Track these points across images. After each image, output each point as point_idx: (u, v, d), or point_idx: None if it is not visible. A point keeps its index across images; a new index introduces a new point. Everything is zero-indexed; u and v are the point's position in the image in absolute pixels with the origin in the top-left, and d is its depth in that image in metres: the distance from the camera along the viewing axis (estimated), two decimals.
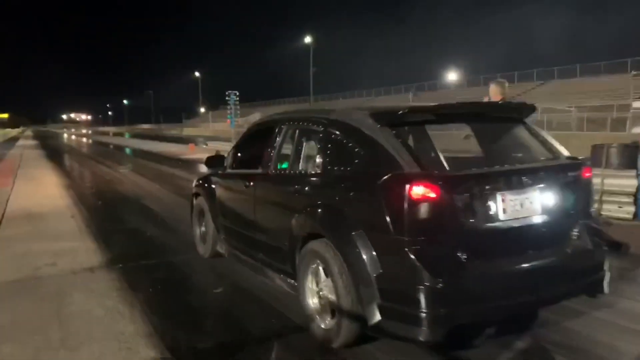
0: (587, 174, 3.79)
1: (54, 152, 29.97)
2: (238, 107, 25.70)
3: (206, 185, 6.08)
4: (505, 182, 3.38)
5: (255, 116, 77.91)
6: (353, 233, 3.36)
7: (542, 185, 3.49)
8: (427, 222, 3.12)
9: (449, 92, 53.87)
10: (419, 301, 3.01)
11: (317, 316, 3.81)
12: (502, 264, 3.29)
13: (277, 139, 4.73)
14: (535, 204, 3.44)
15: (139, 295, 4.84)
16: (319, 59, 73.36)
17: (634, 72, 35.45)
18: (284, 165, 4.66)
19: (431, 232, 3.14)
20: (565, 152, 3.92)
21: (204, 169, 6.36)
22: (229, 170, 5.66)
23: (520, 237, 3.43)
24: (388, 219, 3.17)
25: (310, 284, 3.89)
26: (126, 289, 5.00)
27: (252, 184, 4.86)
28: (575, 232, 3.60)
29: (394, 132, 3.49)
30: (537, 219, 3.45)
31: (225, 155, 5.92)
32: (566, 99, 36.97)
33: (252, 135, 5.63)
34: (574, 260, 3.52)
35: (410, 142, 3.77)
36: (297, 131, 4.62)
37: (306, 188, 4.07)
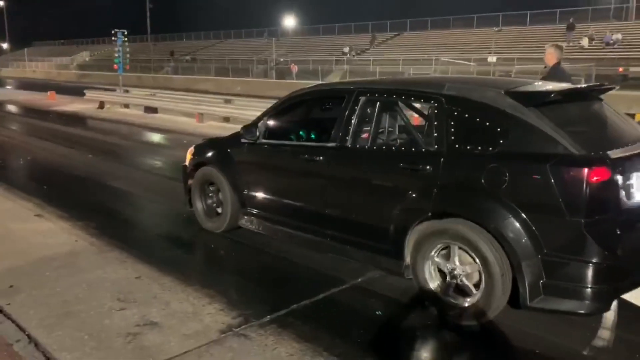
0: None
1: None
2: (127, 48, 21.34)
3: (221, 154, 5.44)
4: (638, 162, 3.47)
5: (84, 55, 69.63)
6: (510, 214, 3.35)
7: None
8: (601, 202, 3.24)
9: (304, 40, 52.72)
10: (590, 277, 3.18)
11: (446, 294, 3.71)
12: None
13: (355, 110, 4.31)
14: None
15: None
16: None
17: (496, 28, 37.83)
18: (365, 139, 4.40)
19: (603, 211, 3.27)
20: None
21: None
22: (266, 141, 5.05)
23: None
24: (561, 200, 3.20)
25: (434, 263, 3.79)
26: None
27: (321, 158, 4.42)
28: None
29: (541, 112, 3.48)
30: None
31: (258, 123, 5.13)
32: (422, 51, 38.31)
33: (299, 104, 5.19)
34: None
35: (555, 120, 3.51)
36: (387, 104, 4.52)
37: (422, 166, 3.78)
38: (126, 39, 20.39)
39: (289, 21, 58.99)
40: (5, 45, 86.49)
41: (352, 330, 3.63)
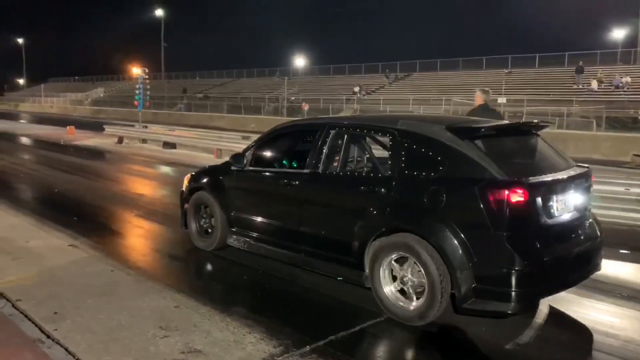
0: (592, 179, 4.70)
1: None
2: (148, 86, 21.92)
3: (213, 180, 6.05)
4: (559, 186, 4.13)
5: (98, 91, 71.16)
6: (447, 229, 3.92)
7: (573, 189, 4.29)
8: (521, 219, 3.83)
9: (315, 79, 53.51)
10: (513, 282, 3.72)
11: (397, 299, 4.28)
12: (560, 249, 4.13)
13: (326, 142, 4.95)
14: (569, 203, 4.23)
15: None
16: (170, 33, 68.04)
17: (506, 70, 38.36)
18: (334, 167, 4.97)
19: (523, 227, 3.86)
20: (572, 160, 4.68)
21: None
22: (252, 168, 5.68)
23: (565, 229, 4.25)
24: (487, 217, 3.78)
25: (387, 272, 4.33)
26: None
27: (297, 182, 5.04)
28: (587, 223, 4.55)
29: (474, 144, 4.09)
30: (572, 215, 4.27)
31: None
32: (432, 91, 38.83)
33: (281, 136, 5.88)
34: (592, 244, 4.44)
35: (486, 151, 4.10)
36: (352, 137, 5.19)
37: (378, 189, 4.42)
38: (147, 76, 20.97)
39: (300, 61, 60.10)
40: (22, 81, 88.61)
41: None
